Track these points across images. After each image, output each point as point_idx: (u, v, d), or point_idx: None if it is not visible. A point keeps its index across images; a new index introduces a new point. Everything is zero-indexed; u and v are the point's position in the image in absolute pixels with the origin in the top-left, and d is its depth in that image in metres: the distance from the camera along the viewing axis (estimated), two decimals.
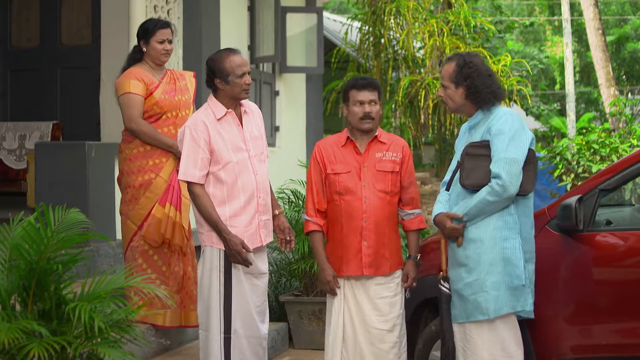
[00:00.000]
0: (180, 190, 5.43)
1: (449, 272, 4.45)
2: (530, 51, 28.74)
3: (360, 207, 4.62)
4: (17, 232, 3.83)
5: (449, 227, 4.36)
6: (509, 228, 4.32)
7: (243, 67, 4.71)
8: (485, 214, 4.30)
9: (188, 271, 5.53)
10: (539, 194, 9.29)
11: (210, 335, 4.67)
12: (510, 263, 4.28)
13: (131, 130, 5.40)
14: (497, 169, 4.25)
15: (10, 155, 7.59)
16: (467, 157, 4.37)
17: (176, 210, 5.39)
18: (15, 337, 3.43)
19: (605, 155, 8.58)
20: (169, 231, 5.36)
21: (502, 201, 4.27)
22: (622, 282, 4.43)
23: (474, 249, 4.32)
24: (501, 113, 4.39)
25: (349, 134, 4.73)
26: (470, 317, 4.33)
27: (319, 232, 4.71)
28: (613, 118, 15.74)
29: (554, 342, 4.49)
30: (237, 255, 4.60)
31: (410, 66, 10.33)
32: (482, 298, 4.28)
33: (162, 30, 5.46)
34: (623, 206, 6.32)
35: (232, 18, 8.51)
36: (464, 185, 4.37)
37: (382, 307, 4.66)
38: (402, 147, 4.76)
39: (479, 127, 4.44)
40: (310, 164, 4.79)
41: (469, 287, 4.31)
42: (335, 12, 26.93)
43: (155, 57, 5.48)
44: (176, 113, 5.49)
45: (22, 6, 8.08)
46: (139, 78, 5.39)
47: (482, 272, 4.29)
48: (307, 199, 4.78)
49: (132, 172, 5.42)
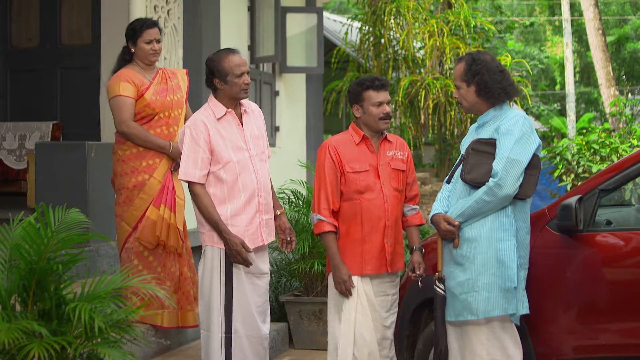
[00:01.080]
0: (174, 191, 5.41)
1: (444, 270, 4.44)
2: (531, 51, 28.77)
3: (382, 205, 4.63)
4: (17, 232, 3.83)
5: (444, 229, 4.36)
6: (504, 229, 4.31)
7: (241, 66, 4.71)
8: (481, 214, 4.30)
9: (184, 272, 5.51)
10: (539, 194, 9.30)
11: (211, 335, 4.68)
12: (504, 265, 4.27)
13: (122, 133, 5.38)
14: (498, 167, 4.25)
15: (10, 156, 7.59)
16: (473, 152, 4.37)
17: (170, 211, 5.37)
18: (15, 337, 3.43)
19: (605, 156, 8.58)
20: (163, 233, 5.35)
21: (498, 201, 4.26)
22: (622, 282, 4.43)
23: (470, 249, 4.32)
24: (513, 114, 4.38)
25: (364, 132, 4.70)
26: (459, 317, 4.33)
27: (334, 232, 4.65)
28: (613, 118, 15.74)
29: (554, 342, 4.49)
30: (237, 255, 4.60)
31: (410, 66, 10.33)
32: (472, 298, 4.28)
33: (149, 30, 5.43)
34: (623, 206, 6.32)
35: (232, 18, 8.51)
36: (464, 179, 4.36)
37: (387, 304, 4.70)
38: (405, 146, 4.83)
39: (488, 125, 4.43)
40: (324, 163, 4.67)
41: (460, 286, 4.32)
42: (335, 12, 26.94)
43: (144, 58, 5.45)
44: (168, 113, 5.46)
45: (22, 6, 8.09)
46: (129, 80, 5.36)
47: (474, 272, 4.29)
48: (319, 198, 4.66)
49: (126, 174, 5.40)
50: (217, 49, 6.54)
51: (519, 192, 4.29)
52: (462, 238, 4.34)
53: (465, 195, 4.38)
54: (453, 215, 4.35)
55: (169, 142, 5.39)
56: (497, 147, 4.31)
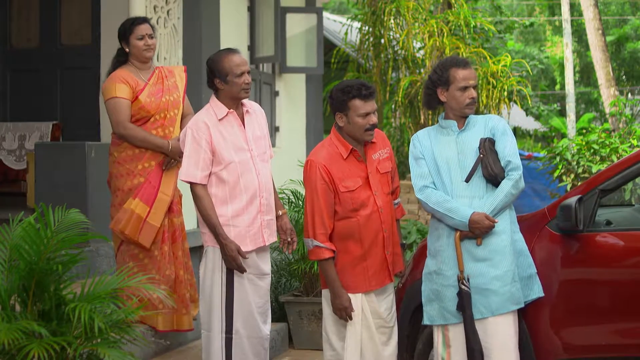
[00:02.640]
0: (158, 187, 5.31)
1: (467, 269, 4.42)
2: (530, 51, 28.74)
3: (378, 218, 4.50)
4: (17, 232, 3.83)
5: (488, 225, 4.38)
6: (513, 222, 4.52)
7: (242, 66, 4.70)
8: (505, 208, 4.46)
9: (180, 274, 5.44)
10: (539, 194, 9.30)
11: (212, 335, 4.68)
12: (523, 253, 4.47)
13: (120, 135, 5.33)
14: (517, 161, 4.46)
15: (10, 156, 7.59)
16: (490, 150, 4.46)
17: (146, 205, 5.26)
18: (15, 337, 3.43)
19: (605, 156, 8.58)
20: (129, 227, 5.23)
21: (518, 194, 4.48)
22: (621, 283, 4.43)
23: (498, 242, 4.40)
24: (489, 115, 4.65)
25: (350, 144, 4.50)
26: (501, 310, 4.36)
27: (332, 258, 4.47)
28: (613, 118, 15.73)
29: (553, 342, 4.49)
30: (232, 261, 4.60)
31: (410, 66, 10.32)
32: (515, 288, 4.39)
33: (139, 27, 5.39)
34: (623, 206, 6.31)
35: (232, 18, 8.50)
36: (493, 175, 4.42)
37: (390, 305, 4.66)
38: (385, 140, 4.68)
39: (472, 127, 4.54)
40: (316, 186, 4.43)
41: (499, 280, 4.37)
42: (335, 12, 26.93)
43: (138, 55, 5.40)
44: (164, 115, 5.40)
45: (22, 6, 8.08)
46: (124, 81, 5.32)
47: (510, 263, 4.39)
48: (314, 223, 4.43)
49: (121, 175, 5.37)
50: (217, 49, 6.55)
51: None
52: (488, 233, 4.41)
53: (482, 193, 4.45)
54: (487, 212, 4.41)
55: (168, 141, 5.35)
56: (501, 144, 4.48)
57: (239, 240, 4.67)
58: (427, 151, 4.56)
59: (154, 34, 5.47)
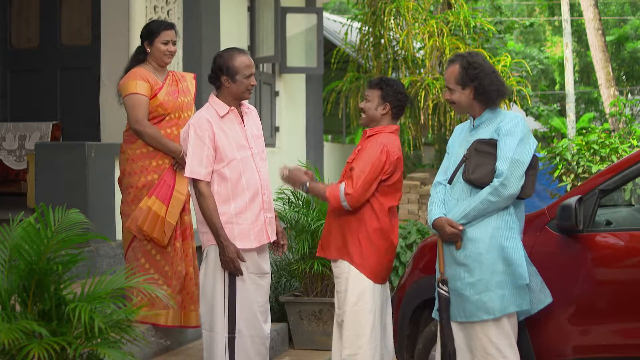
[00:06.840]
0: (173, 185, 5.39)
1: (446, 272, 4.41)
2: (530, 51, 28.74)
3: None
4: (17, 232, 3.83)
5: (449, 232, 4.33)
6: (509, 228, 4.32)
7: (251, 68, 4.75)
8: (485, 215, 4.29)
9: (190, 272, 5.51)
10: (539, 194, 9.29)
11: (214, 335, 4.67)
12: (513, 263, 4.27)
13: (136, 131, 5.37)
14: (502, 167, 4.25)
15: (10, 156, 7.59)
16: (475, 152, 4.35)
17: (163, 204, 5.33)
18: (15, 337, 3.43)
19: (605, 156, 8.58)
20: (147, 224, 5.30)
21: (502, 201, 4.26)
22: (622, 283, 4.43)
23: (474, 249, 4.30)
24: (511, 115, 4.41)
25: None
26: (472, 317, 4.31)
27: None
28: (613, 118, 15.74)
29: (553, 343, 4.49)
30: (231, 263, 4.60)
31: (410, 66, 10.32)
32: (488, 297, 4.26)
33: (166, 32, 5.46)
34: (623, 206, 6.31)
35: (232, 18, 8.51)
36: (468, 180, 4.33)
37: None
38: None
39: (484, 126, 4.43)
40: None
41: (472, 287, 4.29)
42: (335, 13, 26.94)
43: (158, 59, 5.47)
44: (179, 114, 5.49)
45: (22, 6, 8.08)
46: (144, 78, 5.38)
47: (486, 271, 4.27)
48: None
49: (135, 173, 5.41)
50: (217, 49, 6.55)
51: (521, 192, 4.30)
52: (466, 238, 4.33)
53: (464, 197, 4.36)
54: (456, 217, 4.33)
55: (180, 148, 5.37)
56: (499, 147, 4.31)
57: (243, 238, 4.67)
58: (450, 146, 4.58)
59: (176, 40, 5.56)
